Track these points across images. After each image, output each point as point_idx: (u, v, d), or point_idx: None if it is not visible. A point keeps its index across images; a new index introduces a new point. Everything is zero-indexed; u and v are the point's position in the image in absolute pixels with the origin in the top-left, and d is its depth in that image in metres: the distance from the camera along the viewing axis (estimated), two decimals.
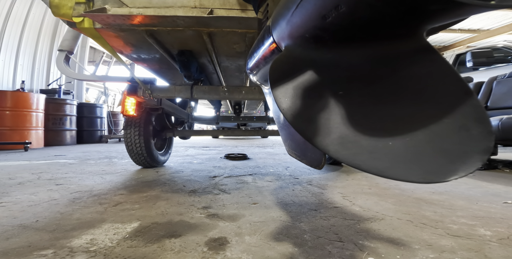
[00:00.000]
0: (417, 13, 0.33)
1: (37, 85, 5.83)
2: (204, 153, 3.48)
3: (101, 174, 1.86)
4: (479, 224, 0.88)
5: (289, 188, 1.44)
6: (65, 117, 5.05)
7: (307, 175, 1.84)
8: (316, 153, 0.65)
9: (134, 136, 1.92)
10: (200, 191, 1.35)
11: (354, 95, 0.45)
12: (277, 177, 1.76)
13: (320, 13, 0.39)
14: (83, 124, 5.68)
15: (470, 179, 1.68)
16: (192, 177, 1.74)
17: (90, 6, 1.00)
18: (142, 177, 1.75)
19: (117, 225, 0.87)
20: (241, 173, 1.91)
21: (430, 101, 0.40)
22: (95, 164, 2.40)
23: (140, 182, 1.57)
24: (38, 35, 5.83)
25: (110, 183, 1.55)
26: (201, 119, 3.05)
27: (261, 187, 1.46)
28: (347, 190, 1.37)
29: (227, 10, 0.99)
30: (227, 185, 1.51)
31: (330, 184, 1.54)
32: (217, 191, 1.35)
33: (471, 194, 1.30)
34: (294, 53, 0.51)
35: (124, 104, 1.70)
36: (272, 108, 0.91)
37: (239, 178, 1.73)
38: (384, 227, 0.86)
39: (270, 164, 2.41)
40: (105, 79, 2.56)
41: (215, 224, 0.88)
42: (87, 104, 6.12)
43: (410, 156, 0.38)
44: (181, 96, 1.66)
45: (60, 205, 1.10)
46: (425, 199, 1.20)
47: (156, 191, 1.36)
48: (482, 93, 2.61)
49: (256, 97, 1.65)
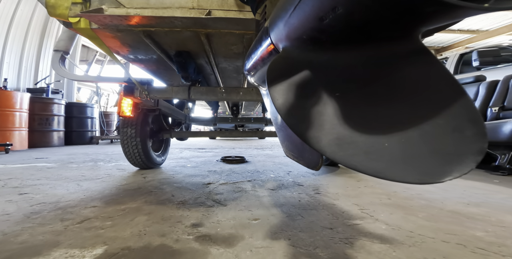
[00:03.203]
0: (413, 15, 0.34)
1: (24, 84, 5.58)
2: (200, 155, 3.29)
3: (79, 180, 1.64)
4: None
5: (294, 197, 1.26)
6: (52, 118, 4.78)
7: (313, 181, 1.67)
8: (313, 154, 0.65)
9: (131, 137, 1.90)
10: (190, 202, 1.16)
11: (350, 97, 0.46)
12: (279, 184, 1.58)
13: (317, 15, 0.40)
14: (72, 125, 5.44)
15: (497, 186, 1.54)
16: (184, 184, 1.56)
17: (87, 7, 0.99)
18: (126, 184, 1.54)
19: (72, 252, 0.66)
20: (239, 179, 1.73)
21: (425, 102, 0.40)
22: (77, 168, 2.17)
23: (122, 191, 1.36)
24: (26, 33, 5.63)
25: (85, 191, 1.34)
26: (199, 120, 3.04)
27: (262, 196, 1.28)
28: (362, 201, 1.20)
29: (225, 11, 1.00)
30: (223, 194, 1.32)
31: (340, 192, 1.37)
32: (211, 202, 1.16)
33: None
34: (291, 54, 0.51)
35: (120, 105, 1.69)
36: (269, 109, 0.91)
37: (237, 185, 1.55)
38: (431, 254, 0.64)
39: (270, 168, 2.24)
40: (101, 80, 2.54)
41: (206, 250, 0.69)
42: (76, 104, 5.81)
43: (406, 157, 0.38)
44: (179, 97, 1.65)
45: (10, 221, 0.89)
46: (462, 213, 1.01)
47: (138, 202, 1.16)
48: (498, 92, 2.47)
49: (254, 98, 1.65)
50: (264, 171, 2.10)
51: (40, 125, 4.62)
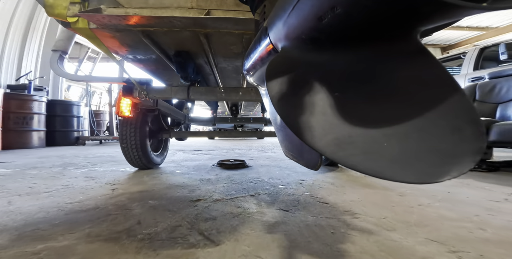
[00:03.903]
0: (411, 15, 0.34)
1: (6, 80, 5.27)
2: (194, 158, 2.93)
3: (19, 194, 1.26)
4: None
5: (323, 227, 0.83)
6: (31, 116, 4.35)
7: (337, 195, 1.24)
8: (312, 154, 0.65)
9: (130, 137, 1.90)
10: (163, 237, 0.74)
11: (349, 97, 0.46)
12: (293, 200, 1.17)
13: (316, 15, 0.40)
14: (56, 125, 5.00)
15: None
16: (163, 201, 1.14)
17: (85, 6, 0.99)
18: (79, 201, 1.13)
19: None
20: (239, 192, 1.32)
21: (424, 102, 0.40)
22: (34, 175, 1.78)
23: (66, 213, 0.97)
24: (8, 27, 5.32)
25: (7, 214, 0.96)
26: (198, 120, 3.04)
27: (273, 224, 0.86)
28: (440, 233, 0.78)
29: (224, 11, 1.00)
30: (216, 219, 0.92)
31: (390, 216, 0.94)
32: (195, 238, 0.74)
33: None
34: (290, 54, 0.51)
35: (119, 105, 1.68)
36: (269, 109, 0.91)
37: (236, 202, 1.14)
38: None
39: (276, 175, 1.85)
40: (100, 80, 2.54)
41: None
42: (60, 102, 5.36)
43: (405, 156, 0.38)
44: (178, 97, 1.65)
45: None
46: None
47: (75, 235, 0.75)
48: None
49: (253, 98, 1.65)
50: (270, 179, 1.70)
51: (17, 125, 4.23)
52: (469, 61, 4.02)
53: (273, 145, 5.55)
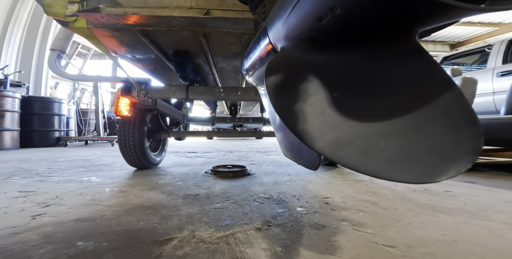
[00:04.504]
0: (409, 16, 0.34)
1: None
2: (185, 163, 2.47)
3: None
4: None
5: None
6: (2, 114, 3.91)
7: (394, 226, 0.80)
8: (311, 154, 0.66)
9: (128, 137, 1.89)
10: None
11: (348, 97, 0.46)
12: (325, 240, 0.71)
13: (315, 15, 0.40)
14: (33, 124, 4.50)
15: None
16: (104, 243, 0.67)
17: (84, 5, 0.99)
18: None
19: None
20: (237, 221, 0.86)
21: (423, 102, 0.41)
22: None
23: None
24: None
25: None
26: (197, 120, 3.04)
27: None
28: None
29: (223, 11, 0.99)
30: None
31: None
32: None
33: None
34: (290, 54, 0.51)
35: (118, 105, 1.68)
36: (268, 109, 0.91)
37: (232, 246, 0.67)
38: None
39: (287, 188, 1.36)
40: (99, 79, 2.53)
41: None
42: (37, 99, 4.79)
43: (403, 156, 0.38)
44: (177, 97, 1.65)
45: None
46: None
47: None
48: None
49: (252, 98, 1.65)
50: (280, 195, 1.22)
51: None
52: (496, 55, 3.75)
53: (275, 146, 5.08)
